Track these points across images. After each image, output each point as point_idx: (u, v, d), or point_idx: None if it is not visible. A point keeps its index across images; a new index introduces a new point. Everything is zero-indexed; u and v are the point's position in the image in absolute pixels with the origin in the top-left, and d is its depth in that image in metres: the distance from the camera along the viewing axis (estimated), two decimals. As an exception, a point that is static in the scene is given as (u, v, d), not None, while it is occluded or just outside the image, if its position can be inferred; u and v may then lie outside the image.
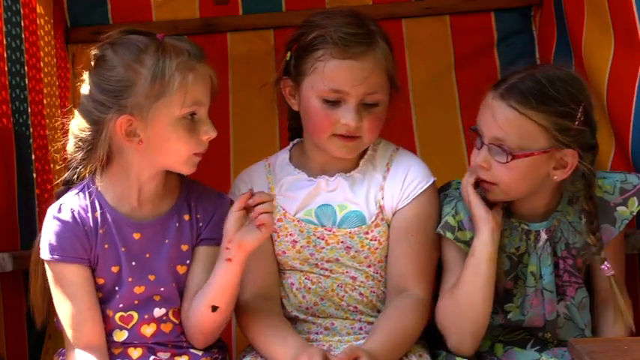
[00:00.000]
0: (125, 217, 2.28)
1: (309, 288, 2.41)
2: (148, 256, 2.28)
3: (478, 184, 2.31)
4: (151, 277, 2.28)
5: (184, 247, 2.31)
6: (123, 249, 2.27)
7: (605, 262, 2.28)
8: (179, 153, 2.22)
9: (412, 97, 3.37)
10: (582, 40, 2.90)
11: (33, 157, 2.81)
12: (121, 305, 2.28)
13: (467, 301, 2.27)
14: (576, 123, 2.21)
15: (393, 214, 2.38)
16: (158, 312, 2.30)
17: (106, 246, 2.26)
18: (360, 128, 2.31)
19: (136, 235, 2.27)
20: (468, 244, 2.32)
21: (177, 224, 2.30)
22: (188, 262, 2.31)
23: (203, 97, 2.21)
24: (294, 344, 2.23)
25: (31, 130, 2.82)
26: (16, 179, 2.69)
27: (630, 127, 2.56)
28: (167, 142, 2.19)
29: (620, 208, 2.33)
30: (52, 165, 2.91)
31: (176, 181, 2.34)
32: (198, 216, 2.32)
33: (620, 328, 2.33)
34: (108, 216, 2.27)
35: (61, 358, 2.32)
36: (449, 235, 2.34)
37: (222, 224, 2.24)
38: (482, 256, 2.26)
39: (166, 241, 2.29)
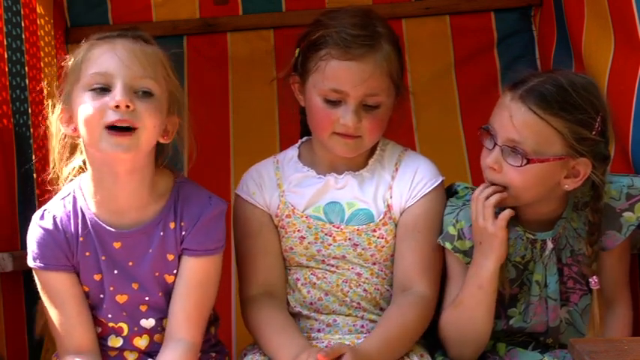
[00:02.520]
0: (106, 225, 2.21)
1: (314, 283, 2.41)
2: (130, 264, 2.22)
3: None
4: (134, 286, 2.24)
5: (170, 257, 2.23)
6: (103, 257, 2.22)
7: (594, 277, 2.27)
8: (89, 124, 2.09)
9: (412, 97, 3.37)
10: (582, 40, 2.89)
11: (33, 157, 2.81)
12: (109, 316, 2.26)
13: (467, 321, 2.27)
14: (593, 133, 2.19)
15: (401, 213, 2.39)
16: (146, 323, 2.27)
17: (87, 254, 2.22)
18: (360, 128, 2.31)
19: (116, 244, 2.22)
20: (467, 253, 2.31)
21: (161, 233, 2.22)
22: (175, 271, 2.24)
23: (113, 68, 2.09)
24: (297, 343, 2.24)
25: (31, 130, 2.82)
26: (17, 179, 2.69)
27: (630, 128, 2.55)
28: (80, 116, 2.11)
29: (626, 214, 2.30)
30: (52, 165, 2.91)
31: (167, 185, 2.26)
32: (183, 223, 2.22)
33: (591, 335, 2.32)
34: (89, 223, 2.21)
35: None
36: (448, 245, 2.32)
37: (207, 232, 2.20)
38: (483, 284, 2.24)
39: (150, 250, 2.22)
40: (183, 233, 2.22)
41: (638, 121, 2.53)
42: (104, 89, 2.10)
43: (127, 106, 2.07)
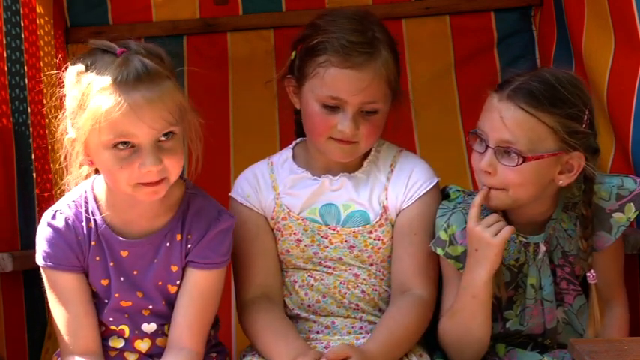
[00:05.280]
0: (115, 233, 2.21)
1: (312, 285, 2.41)
2: (135, 272, 2.23)
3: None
4: (139, 294, 2.24)
5: (174, 268, 2.23)
6: (112, 263, 2.22)
7: (591, 271, 2.26)
8: (114, 179, 2.10)
9: (412, 97, 3.38)
10: (582, 40, 2.90)
11: (33, 157, 2.81)
12: (111, 319, 2.25)
13: (465, 329, 2.26)
14: (583, 126, 2.18)
15: (397, 215, 2.39)
16: (147, 327, 2.27)
17: (97, 258, 2.22)
18: (357, 135, 2.31)
19: (124, 253, 2.21)
20: (458, 259, 2.30)
21: (167, 244, 2.21)
22: (178, 282, 2.23)
23: (137, 131, 2.03)
24: (295, 346, 2.24)
25: (30, 129, 2.82)
26: (16, 179, 2.69)
27: (630, 127, 2.56)
28: (103, 167, 2.11)
29: (615, 215, 2.28)
30: (52, 165, 2.91)
31: (178, 196, 2.24)
32: (189, 236, 2.21)
33: (591, 332, 2.30)
34: (99, 229, 2.21)
35: (59, 359, 2.29)
36: (439, 251, 2.31)
37: (213, 246, 2.20)
38: (477, 294, 2.22)
39: (155, 260, 2.22)
40: (189, 246, 2.22)
41: (638, 121, 2.53)
42: (128, 143, 2.05)
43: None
